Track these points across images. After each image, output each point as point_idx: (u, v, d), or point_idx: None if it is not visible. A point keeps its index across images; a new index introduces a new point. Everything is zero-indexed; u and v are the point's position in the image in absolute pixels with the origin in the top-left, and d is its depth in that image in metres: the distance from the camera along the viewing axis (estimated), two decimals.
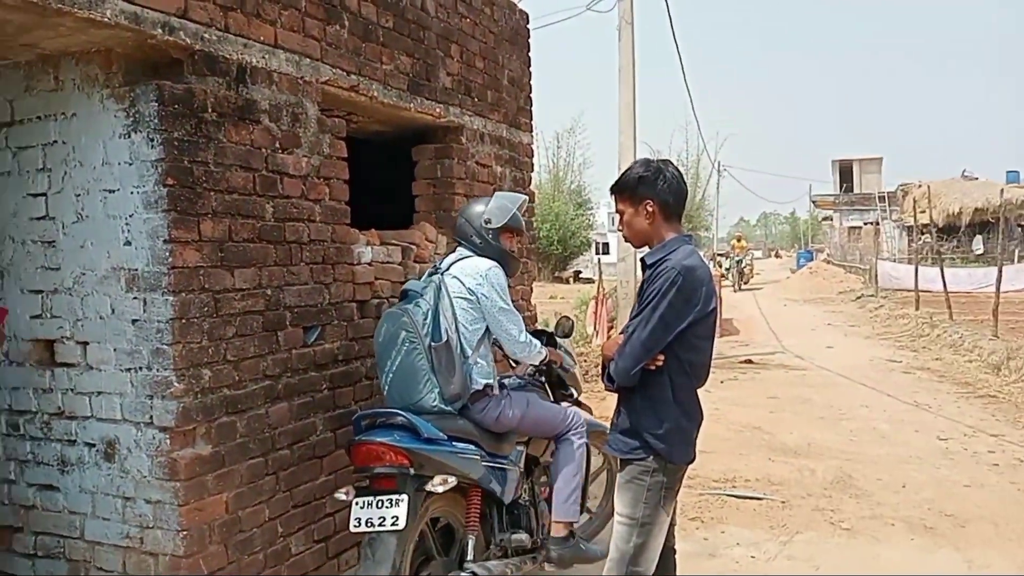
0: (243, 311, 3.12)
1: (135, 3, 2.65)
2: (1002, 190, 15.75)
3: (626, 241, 2.92)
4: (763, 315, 16.98)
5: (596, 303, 12.10)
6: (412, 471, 2.92)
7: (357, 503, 2.92)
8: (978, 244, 30.71)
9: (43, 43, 2.79)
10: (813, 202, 44.09)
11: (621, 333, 2.72)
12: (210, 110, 2.98)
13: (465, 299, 3.26)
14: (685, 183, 2.76)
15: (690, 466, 2.74)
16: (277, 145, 3.31)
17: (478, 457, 3.16)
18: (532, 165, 5.98)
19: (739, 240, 30.45)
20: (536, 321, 6.56)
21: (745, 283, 27.30)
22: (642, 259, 2.76)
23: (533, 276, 6.26)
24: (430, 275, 3.35)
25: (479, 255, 3.39)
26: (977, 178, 34.28)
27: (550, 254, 33.50)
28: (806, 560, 4.07)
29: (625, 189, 2.73)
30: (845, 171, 40.59)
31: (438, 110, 4.57)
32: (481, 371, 3.25)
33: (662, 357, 2.58)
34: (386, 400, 3.22)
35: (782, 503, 4.91)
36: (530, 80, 5.94)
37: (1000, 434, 6.59)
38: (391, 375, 3.16)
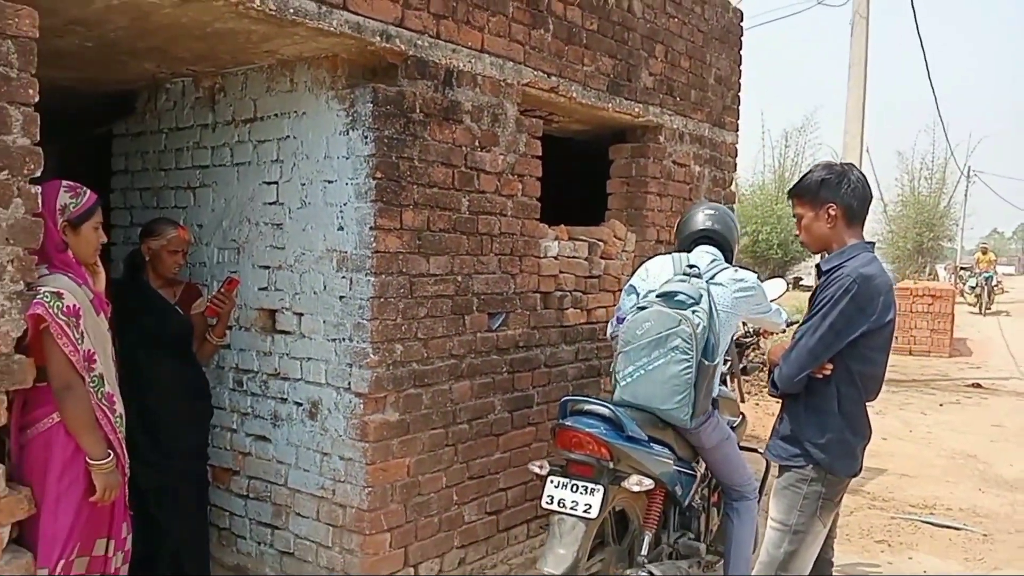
0: (435, 294, 3.42)
1: (358, 13, 2.98)
2: None
3: (803, 246, 2.87)
4: (1003, 336, 15.27)
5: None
6: (611, 464, 2.96)
7: (552, 481, 2.98)
8: None
9: (281, 50, 3.22)
10: None
11: (792, 339, 2.69)
12: (418, 110, 3.29)
13: (727, 312, 3.17)
14: (870, 188, 2.68)
15: (885, 489, 2.65)
16: (476, 143, 3.58)
17: (671, 460, 3.16)
18: (735, 165, 5.89)
19: (984, 253, 24.66)
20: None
21: (989, 305, 22.53)
22: (817, 265, 2.72)
23: None
24: (687, 276, 3.16)
25: (730, 264, 3.36)
26: None
27: (769, 258, 32.10)
28: None
29: (806, 192, 2.69)
30: None
31: (637, 110, 4.66)
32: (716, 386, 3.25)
33: (830, 366, 2.54)
34: (620, 392, 3.12)
35: (984, 536, 4.51)
36: (739, 79, 5.84)
37: None
38: (642, 373, 3.05)
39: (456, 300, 3.52)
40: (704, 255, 3.32)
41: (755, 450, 3.96)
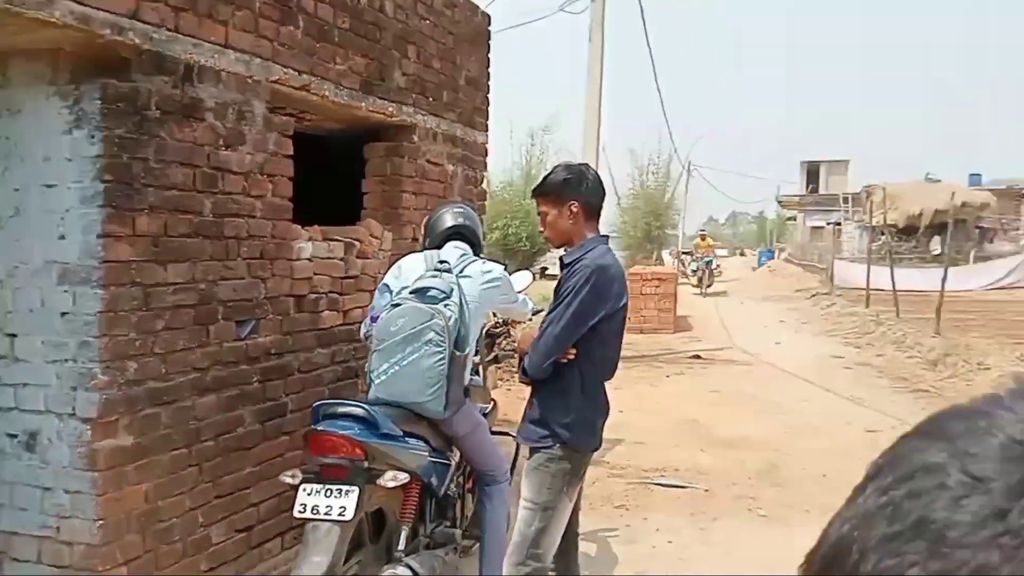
0: (174, 305, 3.20)
1: (85, 4, 2.71)
2: (953, 193, 16.21)
3: (546, 241, 3.10)
4: (718, 312, 17.31)
5: None
6: (366, 464, 2.94)
7: (304, 489, 2.92)
8: (935, 245, 31.42)
9: None
10: (779, 202, 44.74)
11: (539, 328, 2.89)
12: (154, 108, 3.07)
13: (477, 303, 3.28)
14: (603, 185, 2.95)
15: (621, 457, 2.93)
16: (221, 142, 3.40)
17: (426, 452, 3.22)
18: (486, 164, 6.13)
19: (703, 239, 25.65)
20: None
21: (709, 286, 23.44)
22: (560, 258, 2.95)
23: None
24: (439, 272, 3.28)
25: (478, 258, 3.50)
26: (940, 181, 35.01)
27: (518, 250, 33.59)
28: (719, 544, 4.30)
29: (550, 191, 2.90)
30: (812, 173, 41.27)
31: (391, 109, 4.69)
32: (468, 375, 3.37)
33: (574, 351, 2.76)
34: (375, 391, 3.15)
35: (706, 491, 5.14)
36: (488, 81, 6.07)
37: None
38: (397, 369, 3.09)
39: (199, 309, 3.34)
40: (454, 250, 3.45)
41: (507, 433, 4.16)
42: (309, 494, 2.91)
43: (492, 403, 3.96)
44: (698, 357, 10.94)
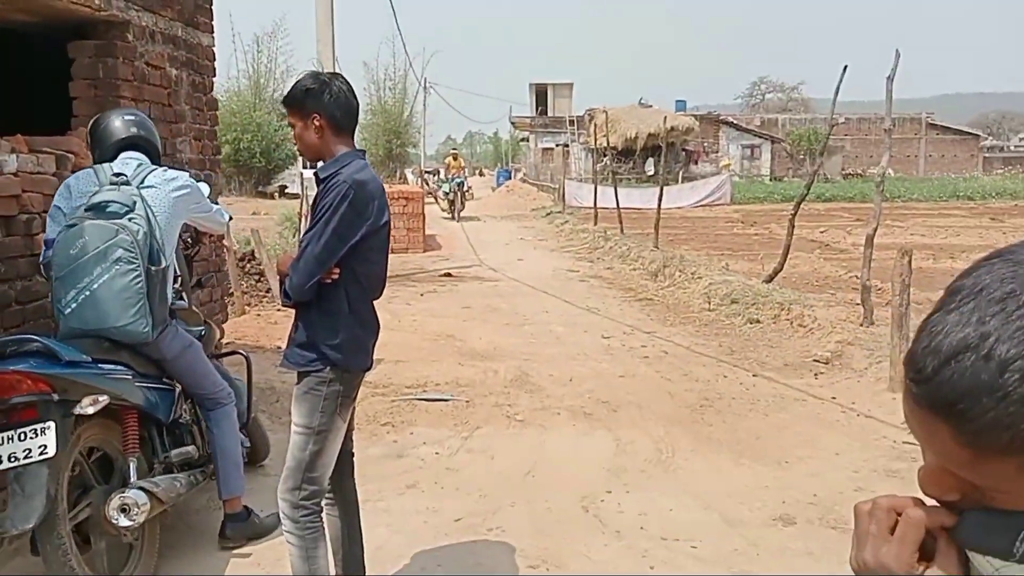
0: None
1: None
2: (665, 117, 17.73)
3: (300, 155, 2.90)
4: (464, 231, 17.74)
5: (301, 219, 11.80)
6: (56, 396, 2.72)
7: None
8: (650, 166, 34.50)
9: None
10: (512, 123, 46.30)
11: (297, 248, 2.72)
12: None
13: (167, 214, 3.07)
14: (355, 98, 2.78)
15: (383, 375, 2.87)
16: None
17: (129, 377, 3.03)
18: (214, 69, 5.62)
19: (455, 159, 24.26)
20: (224, 237, 6.29)
21: (462, 210, 21.93)
22: (315, 173, 2.77)
23: (219, 190, 5.95)
24: (116, 185, 3.01)
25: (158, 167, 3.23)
26: (652, 106, 38.21)
27: (252, 167, 31.81)
28: (483, 451, 4.49)
29: (294, 103, 2.70)
30: (541, 95, 43.02)
31: (97, 1, 4.10)
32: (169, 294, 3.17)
33: (337, 271, 2.64)
34: (66, 322, 2.91)
35: (467, 402, 5.31)
36: None
37: (652, 331, 7.64)
38: (86, 295, 2.86)
39: None
40: (129, 162, 3.20)
41: (238, 352, 4.18)
42: (2, 444, 2.67)
43: (205, 325, 3.73)
44: (449, 275, 11.16)
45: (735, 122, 41.94)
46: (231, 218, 3.75)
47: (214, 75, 5.63)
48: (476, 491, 3.96)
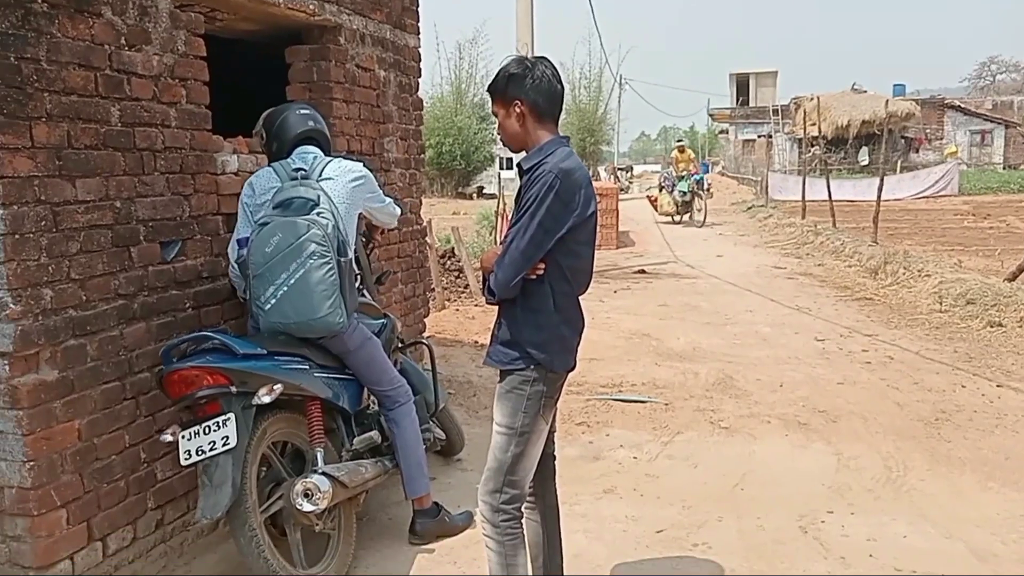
0: (88, 225, 2.86)
1: None
2: (887, 101, 16.31)
3: (504, 146, 2.78)
4: (659, 227, 17.30)
5: (498, 218, 12.02)
6: (235, 389, 2.81)
7: (183, 436, 2.78)
8: (863, 155, 32.07)
9: None
10: (711, 116, 44.83)
11: (502, 244, 2.62)
12: (40, 0, 2.65)
13: (347, 204, 3.13)
14: (560, 82, 2.63)
15: (577, 374, 2.72)
16: (123, 41, 2.99)
17: (307, 368, 3.08)
18: (419, 70, 5.72)
19: (682, 151, 18.74)
20: (426, 235, 6.43)
21: (705, 213, 17.67)
22: (518, 164, 2.66)
23: (423, 189, 6.08)
24: (297, 180, 3.09)
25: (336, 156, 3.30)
26: (866, 91, 35.47)
27: (453, 169, 33.08)
28: (685, 459, 4.21)
29: (496, 90, 2.60)
30: (742, 85, 41.33)
31: (312, 6, 4.26)
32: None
33: (542, 265, 2.50)
34: (267, 317, 2.99)
35: (666, 405, 5.04)
36: None
37: (874, 334, 6.95)
38: (285, 290, 2.93)
39: (117, 230, 2.99)
40: (305, 156, 3.24)
41: (420, 341, 4.22)
42: (188, 439, 2.78)
43: (385, 318, 3.72)
44: (643, 272, 10.88)
45: (962, 106, 37.94)
46: (403, 212, 3.74)
47: (420, 76, 5.74)
48: (679, 501, 3.71)
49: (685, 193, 17.71)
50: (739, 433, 4.57)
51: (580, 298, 2.67)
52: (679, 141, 20.15)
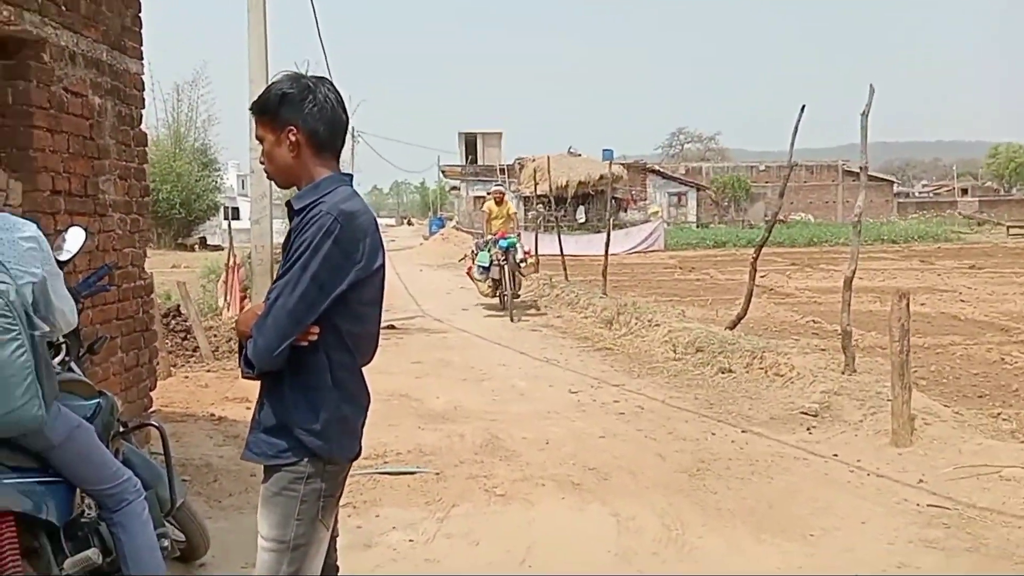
0: None
1: None
2: (609, 163, 17.65)
3: (269, 179, 2.27)
4: (401, 280, 17.09)
5: (228, 271, 11.00)
6: None
7: None
8: (581, 214, 34.64)
9: None
10: (442, 171, 46.05)
11: (265, 301, 2.11)
12: None
13: (21, 269, 2.37)
14: (345, 110, 2.18)
15: None
16: None
17: None
18: (143, 100, 4.97)
19: (500, 202, 12.67)
20: (152, 291, 5.55)
21: (517, 291, 12.18)
22: (288, 203, 2.17)
23: (148, 238, 5.24)
24: None
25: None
26: (581, 154, 38.57)
27: (171, 219, 30.78)
28: (464, 535, 3.85)
29: (265, 111, 2.11)
30: (470, 143, 43.00)
31: (6, 13, 3.46)
32: None
33: (316, 329, 2.03)
34: None
35: (436, 475, 4.67)
36: None
37: (621, 384, 7.15)
38: None
39: None
40: None
41: (150, 423, 3.48)
42: None
43: (101, 397, 2.95)
44: (392, 327, 10.50)
45: (661, 170, 42.70)
46: (78, 320, 2.79)
47: (143, 106, 4.97)
48: None
49: (490, 264, 11.76)
50: (516, 500, 4.31)
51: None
52: (497, 186, 13.59)
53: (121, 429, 3.12)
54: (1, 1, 3.44)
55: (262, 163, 2.22)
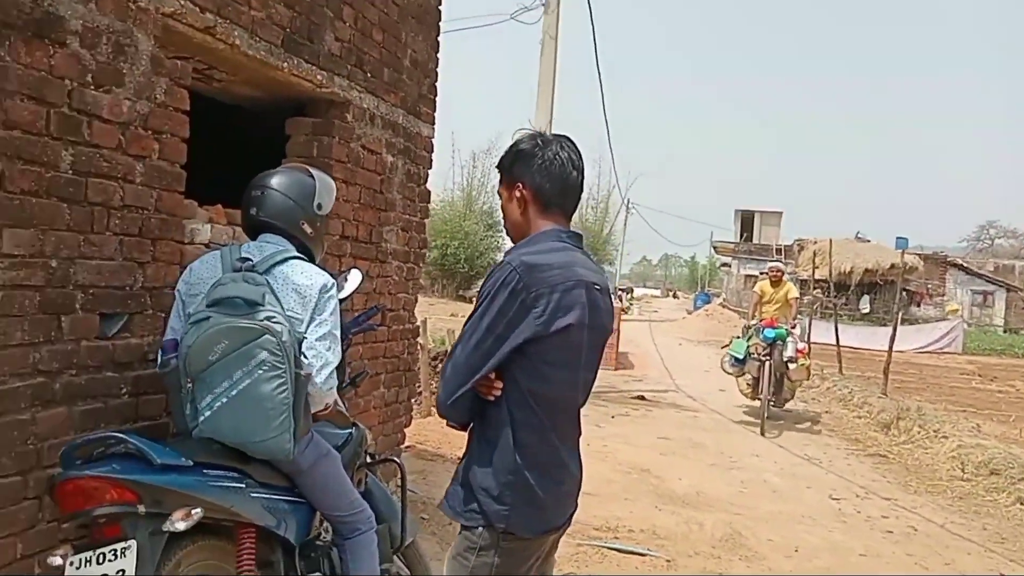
0: (11, 283, 2.36)
1: None
2: (902, 252, 16.19)
3: (507, 235, 2.28)
4: (658, 352, 16.82)
5: None
6: (143, 508, 2.21)
7: (72, 562, 2.16)
8: (865, 303, 31.98)
9: None
10: (714, 247, 45.19)
11: None
12: None
13: (296, 317, 2.50)
14: (577, 168, 2.11)
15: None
16: (90, 78, 2.58)
17: (242, 486, 2.49)
18: (431, 161, 5.37)
19: (778, 280, 10.19)
20: (418, 335, 5.92)
21: (789, 399, 9.91)
22: None
23: (421, 285, 5.62)
24: (237, 271, 2.49)
25: (299, 251, 2.65)
26: (869, 240, 35.85)
27: (456, 272, 33.19)
28: None
29: (502, 167, 2.12)
30: (746, 221, 41.83)
31: (320, 77, 3.92)
32: None
33: (500, 384, 1.94)
34: (200, 430, 2.40)
35: (667, 561, 4.40)
36: (436, 67, 5.35)
37: (892, 497, 6.33)
38: (223, 401, 2.36)
39: (48, 293, 2.49)
40: (265, 246, 2.61)
41: (391, 459, 3.48)
42: (78, 567, 2.16)
43: (354, 428, 3.08)
44: (642, 398, 10.31)
45: (965, 265, 38.25)
46: (331, 388, 2.65)
47: (430, 166, 5.38)
48: None
49: (746, 358, 9.36)
50: None
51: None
52: (774, 265, 10.59)
53: (368, 460, 3.30)
54: (317, 67, 3.90)
55: (504, 221, 2.22)
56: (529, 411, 1.96)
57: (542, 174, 2.06)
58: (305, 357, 2.48)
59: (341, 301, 3.30)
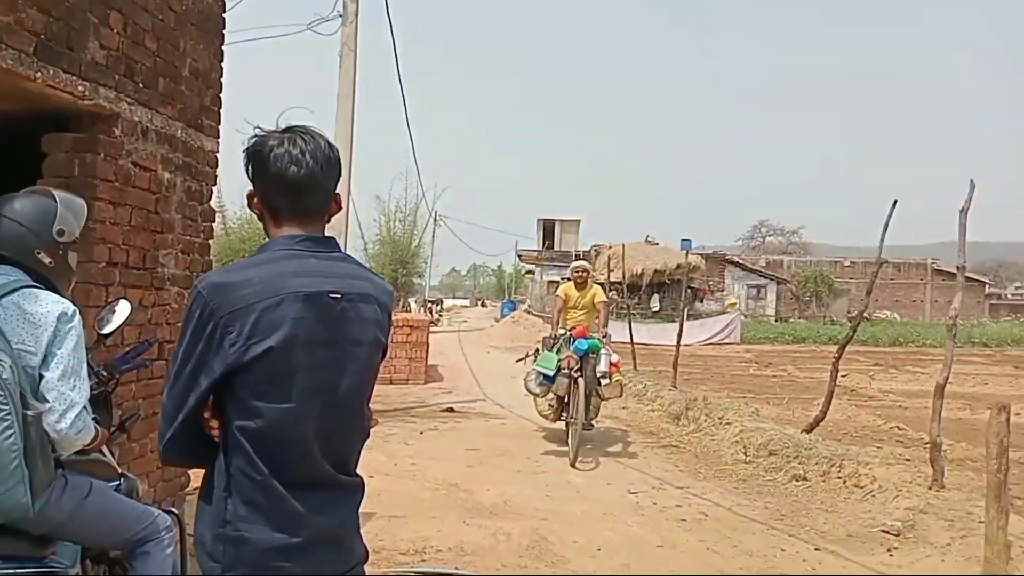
0: None
1: None
2: (687, 253, 17.41)
3: None
4: (467, 362, 17.00)
5: None
6: None
7: None
8: (655, 302, 34.21)
9: None
10: (519, 256, 46.53)
11: None
12: None
13: (26, 350, 2.23)
14: (297, 163, 1.73)
15: (375, 537, 1.99)
16: None
17: None
18: (215, 177, 5.06)
19: (582, 279, 8.92)
20: None
21: (595, 416, 8.61)
22: None
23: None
24: None
25: (37, 280, 2.38)
26: (658, 243, 38.45)
27: None
28: None
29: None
30: (548, 229, 43.46)
31: (81, 88, 3.58)
32: None
33: (214, 423, 1.69)
34: None
35: None
36: (220, 77, 5.05)
37: (684, 486, 6.75)
38: None
39: None
40: None
41: (167, 510, 2.95)
42: None
43: (123, 479, 2.75)
44: (451, 410, 10.33)
45: (741, 262, 42.06)
46: (81, 431, 2.33)
47: (215, 183, 5.07)
48: None
49: (551, 378, 8.01)
50: None
51: (385, 441, 2.09)
52: (579, 263, 9.47)
53: None
54: (78, 77, 3.55)
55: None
56: (242, 453, 1.66)
57: (264, 178, 1.76)
58: (45, 399, 2.21)
59: (107, 335, 3.00)
